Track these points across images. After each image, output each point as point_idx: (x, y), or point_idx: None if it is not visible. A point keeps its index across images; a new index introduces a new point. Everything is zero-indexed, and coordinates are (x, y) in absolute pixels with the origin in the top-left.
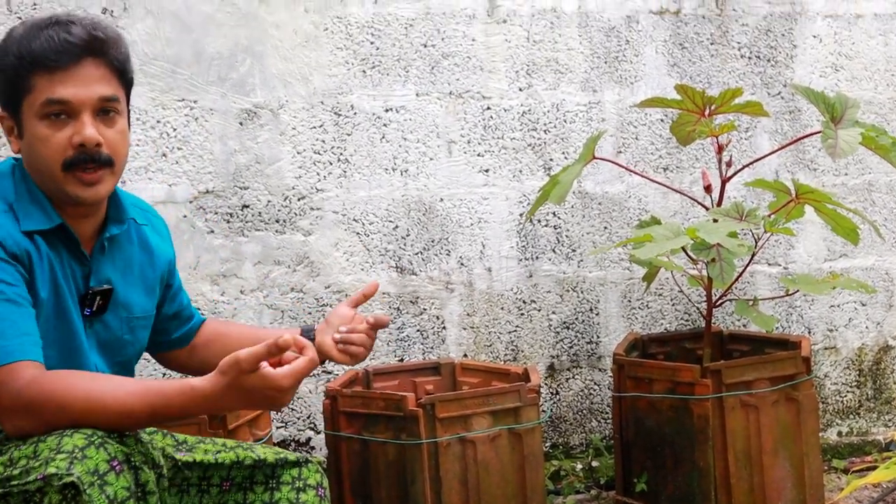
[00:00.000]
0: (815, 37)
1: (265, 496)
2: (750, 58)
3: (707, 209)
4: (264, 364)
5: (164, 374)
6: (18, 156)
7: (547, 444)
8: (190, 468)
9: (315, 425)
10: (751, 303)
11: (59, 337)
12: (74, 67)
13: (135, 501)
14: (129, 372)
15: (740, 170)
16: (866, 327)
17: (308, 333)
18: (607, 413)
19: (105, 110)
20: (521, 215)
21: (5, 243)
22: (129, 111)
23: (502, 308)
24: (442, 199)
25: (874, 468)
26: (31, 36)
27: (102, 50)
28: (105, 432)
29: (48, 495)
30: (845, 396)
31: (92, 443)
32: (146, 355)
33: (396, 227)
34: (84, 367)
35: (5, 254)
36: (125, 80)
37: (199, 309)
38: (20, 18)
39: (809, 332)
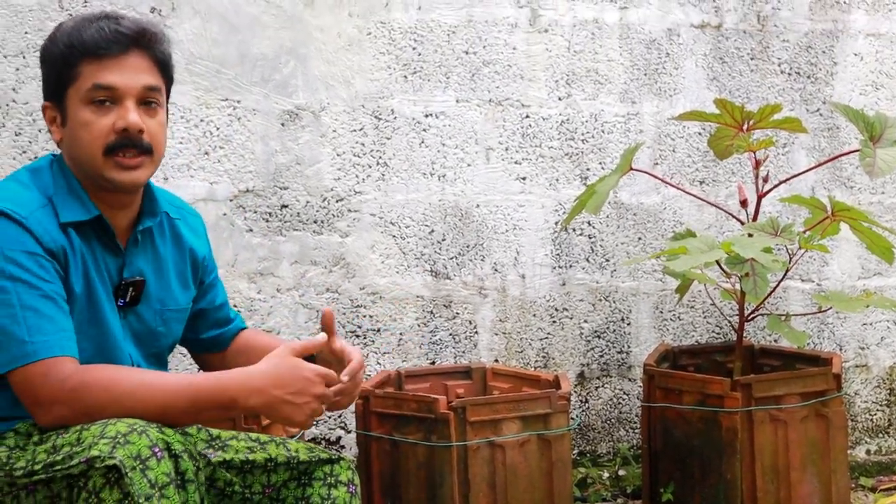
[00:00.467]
0: (856, 55)
1: (297, 492)
2: (790, 74)
3: (742, 223)
4: None
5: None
6: (57, 151)
7: (575, 452)
8: (225, 468)
9: (345, 424)
10: (783, 318)
11: (92, 330)
12: (123, 56)
13: (174, 488)
14: (162, 363)
15: (777, 185)
16: None
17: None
18: (635, 423)
19: (148, 101)
20: (556, 223)
21: (42, 240)
22: (167, 108)
23: (534, 315)
24: (478, 206)
25: None
26: (80, 27)
27: (150, 43)
28: (146, 422)
29: (92, 478)
30: (875, 415)
31: (134, 430)
32: (183, 351)
33: (432, 231)
34: (119, 359)
35: (42, 250)
36: (167, 75)
37: (236, 308)
38: (71, 15)
39: (841, 350)
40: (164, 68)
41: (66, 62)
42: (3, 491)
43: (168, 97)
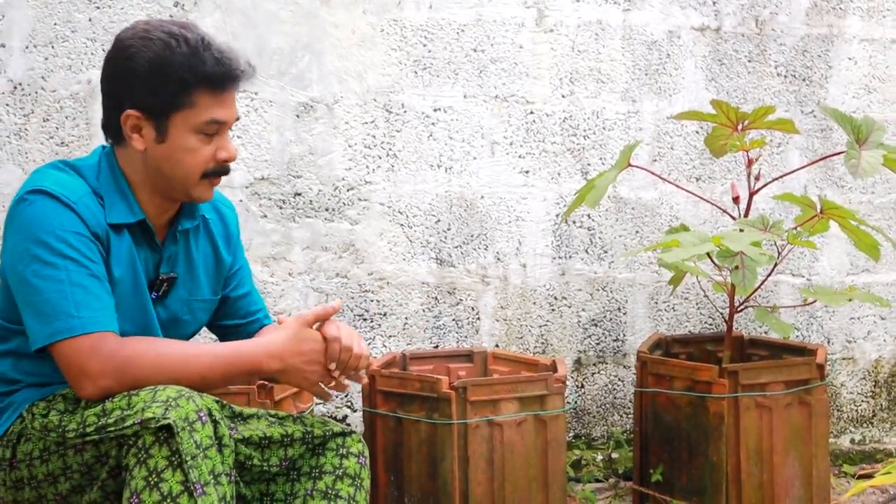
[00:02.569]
0: (850, 59)
1: (312, 461)
2: (786, 76)
3: (735, 219)
4: None
5: None
6: (105, 145)
7: (570, 435)
8: (245, 444)
9: (351, 404)
10: (770, 310)
11: (135, 314)
12: (230, 92)
13: (215, 450)
14: None
15: (768, 183)
16: (884, 340)
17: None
18: (629, 408)
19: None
20: (557, 216)
21: (89, 223)
22: None
23: (534, 303)
24: (483, 197)
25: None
26: (195, 54)
27: (245, 80)
28: (190, 389)
29: (142, 437)
30: (860, 406)
31: (182, 395)
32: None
33: (438, 220)
34: None
35: (88, 231)
36: None
37: None
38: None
39: (828, 342)
40: None
41: (180, 87)
42: (51, 450)
43: None
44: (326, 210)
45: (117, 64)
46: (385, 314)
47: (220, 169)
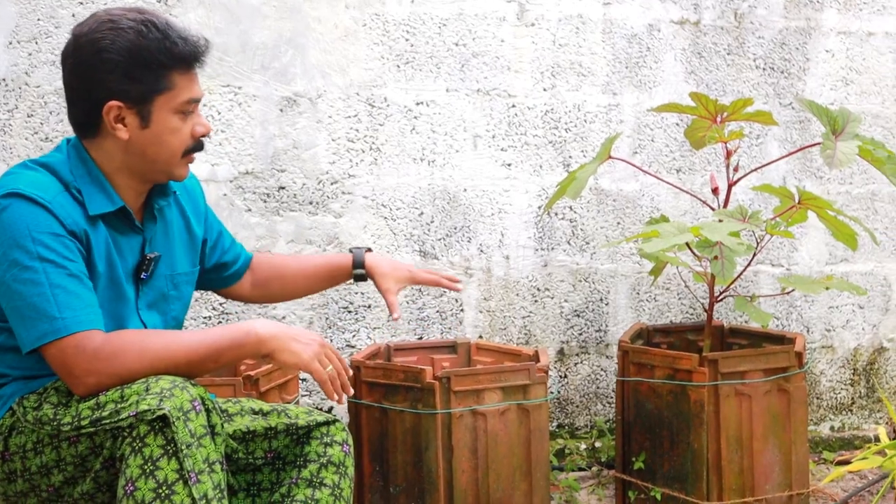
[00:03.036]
0: (827, 51)
1: (296, 450)
2: (764, 69)
3: (714, 210)
4: None
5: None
6: (71, 136)
7: (553, 425)
8: (230, 438)
9: None
10: (750, 299)
11: (112, 306)
12: (196, 69)
13: (209, 439)
14: (179, 327)
15: (747, 174)
16: (863, 329)
17: (358, 254)
18: (611, 397)
19: None
20: (539, 208)
21: (65, 222)
22: None
23: (517, 294)
24: (465, 190)
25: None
26: (166, 38)
27: (206, 56)
28: (183, 379)
29: (137, 428)
30: (839, 393)
31: (176, 385)
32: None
33: (422, 213)
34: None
35: (65, 230)
36: None
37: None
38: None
39: (808, 332)
40: None
41: (159, 72)
42: (45, 442)
43: None
44: (310, 203)
45: (89, 59)
46: (369, 306)
47: (198, 145)
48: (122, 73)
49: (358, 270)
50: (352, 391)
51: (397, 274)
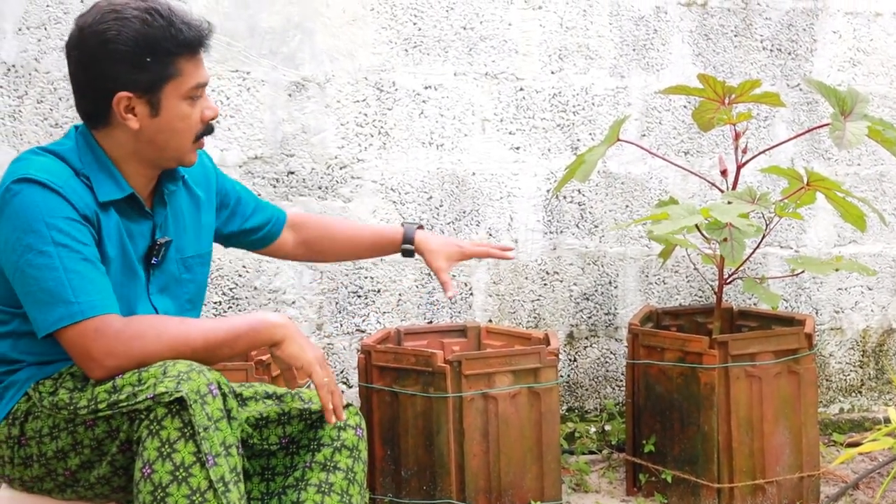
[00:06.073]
0: (834, 32)
1: (310, 434)
2: (771, 50)
3: (723, 192)
4: None
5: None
6: (79, 123)
7: (564, 408)
8: (245, 424)
9: (347, 380)
10: (759, 281)
11: (124, 291)
12: (202, 54)
13: (226, 422)
14: (196, 308)
15: (755, 156)
16: (872, 310)
17: (409, 230)
18: (621, 380)
19: None
20: (547, 191)
21: (77, 206)
22: None
23: (527, 278)
24: (474, 174)
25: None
26: (170, 25)
27: (210, 39)
28: (199, 363)
29: (154, 410)
30: (849, 375)
31: (193, 368)
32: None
33: (430, 197)
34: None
35: (77, 215)
36: None
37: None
38: None
39: (817, 313)
40: None
41: (166, 59)
42: (61, 427)
43: None
44: (319, 188)
45: (95, 51)
46: (379, 291)
47: (208, 128)
48: (130, 64)
49: (406, 245)
50: (344, 417)
51: (448, 250)
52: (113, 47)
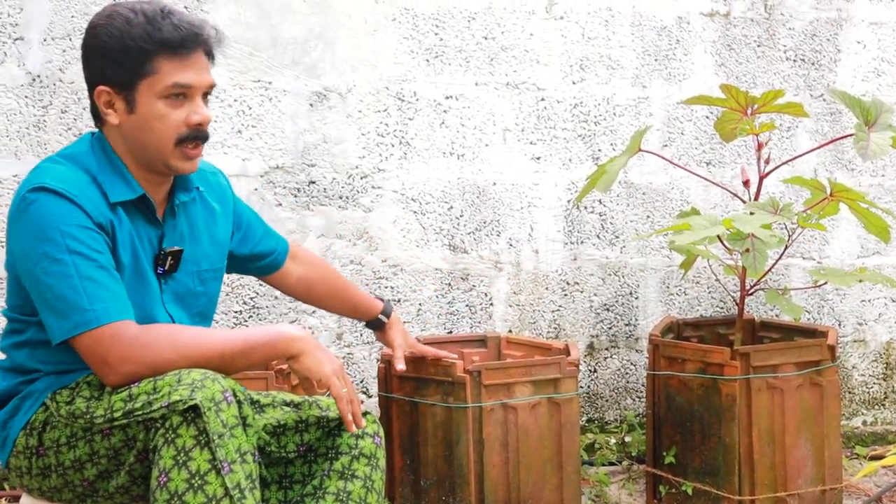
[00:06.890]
0: (858, 42)
1: (328, 442)
2: (795, 60)
3: (745, 203)
4: None
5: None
6: (94, 130)
7: (583, 419)
8: (262, 431)
9: (367, 389)
10: (781, 292)
11: (138, 297)
12: (194, 56)
13: (241, 430)
14: (207, 321)
15: (778, 166)
16: (895, 322)
17: (389, 306)
18: (641, 392)
19: (205, 95)
20: (568, 201)
21: (92, 215)
22: None
23: (547, 288)
24: (495, 184)
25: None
26: (152, 22)
27: (212, 44)
28: (214, 371)
29: (169, 419)
30: (872, 388)
31: (207, 377)
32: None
33: (451, 207)
34: (160, 322)
35: (92, 223)
36: None
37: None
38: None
39: (840, 325)
40: (213, 63)
41: (141, 56)
42: (78, 436)
43: None
44: (340, 198)
45: (87, 45)
46: (399, 300)
47: (194, 134)
48: (108, 59)
49: (381, 317)
50: (364, 424)
51: (408, 337)
52: (97, 42)
